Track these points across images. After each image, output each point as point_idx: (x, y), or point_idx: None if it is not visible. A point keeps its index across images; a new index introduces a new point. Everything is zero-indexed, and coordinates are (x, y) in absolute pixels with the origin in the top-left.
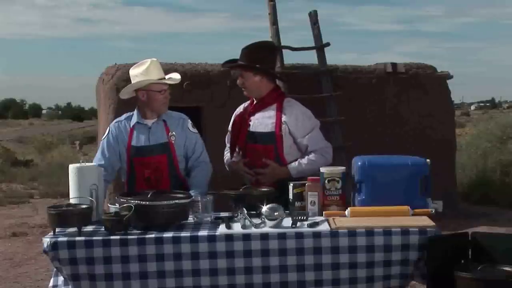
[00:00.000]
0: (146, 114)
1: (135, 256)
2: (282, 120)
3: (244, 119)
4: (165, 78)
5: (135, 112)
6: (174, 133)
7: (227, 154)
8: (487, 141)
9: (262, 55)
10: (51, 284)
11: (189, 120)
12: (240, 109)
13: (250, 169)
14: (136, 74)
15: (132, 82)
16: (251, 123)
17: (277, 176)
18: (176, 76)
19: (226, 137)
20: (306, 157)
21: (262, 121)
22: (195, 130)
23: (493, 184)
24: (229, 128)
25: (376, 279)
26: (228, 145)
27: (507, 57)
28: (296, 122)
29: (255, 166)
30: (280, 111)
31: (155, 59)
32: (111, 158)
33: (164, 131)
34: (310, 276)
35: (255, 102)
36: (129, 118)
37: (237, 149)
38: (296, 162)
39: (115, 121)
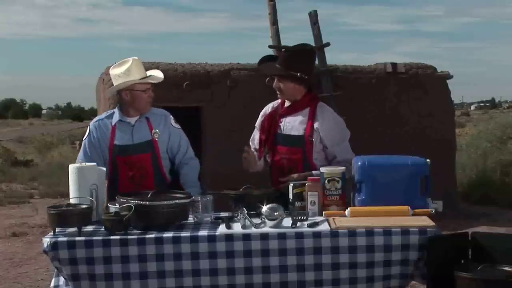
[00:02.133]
0: (129, 113)
1: (135, 256)
2: (315, 127)
3: (274, 120)
4: (147, 77)
5: (116, 110)
6: (157, 130)
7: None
8: (487, 141)
9: (301, 62)
10: (52, 284)
11: (171, 116)
12: (268, 108)
13: (278, 172)
14: (118, 74)
15: (114, 82)
16: (281, 124)
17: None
18: (159, 75)
19: (252, 136)
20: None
21: (293, 125)
22: (177, 126)
23: (493, 184)
24: (257, 125)
25: (376, 279)
26: (251, 144)
27: (507, 57)
28: (328, 130)
29: (283, 167)
30: (312, 116)
31: (136, 57)
32: (93, 158)
33: (147, 128)
34: (310, 276)
35: (286, 104)
36: (110, 116)
37: (264, 151)
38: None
39: (95, 119)
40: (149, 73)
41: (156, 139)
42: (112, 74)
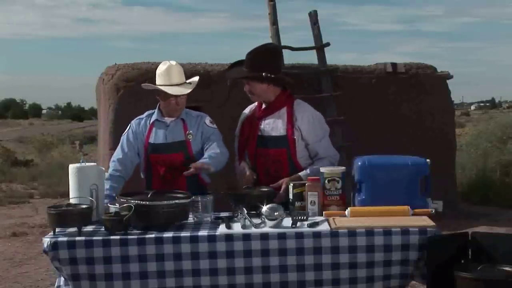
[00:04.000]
0: (163, 113)
1: (135, 256)
2: (295, 125)
3: (253, 123)
4: (185, 83)
5: (156, 110)
6: (191, 132)
7: (237, 161)
8: (487, 141)
9: (267, 61)
10: (56, 284)
11: (207, 117)
12: (246, 112)
13: (263, 175)
14: (160, 72)
15: (156, 79)
16: (261, 127)
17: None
18: (188, 87)
19: (235, 145)
20: (318, 165)
21: (273, 126)
22: (213, 126)
23: (493, 184)
24: (237, 133)
25: (376, 279)
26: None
27: (507, 57)
28: (308, 127)
29: (268, 170)
30: (291, 114)
31: (174, 62)
32: (129, 154)
33: (182, 129)
34: (310, 276)
35: (263, 106)
36: (149, 116)
37: (246, 155)
38: (308, 170)
39: (136, 118)
40: (189, 80)
41: (190, 140)
42: (157, 71)
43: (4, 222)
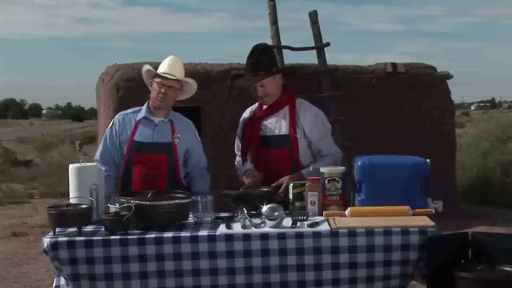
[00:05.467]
0: (153, 111)
1: (135, 256)
2: (297, 123)
3: (255, 123)
4: (171, 75)
5: (144, 106)
6: (179, 135)
7: (239, 163)
8: (487, 141)
9: (269, 58)
10: (54, 284)
11: (195, 128)
12: (247, 113)
13: (265, 175)
14: (163, 63)
15: (158, 69)
16: (263, 127)
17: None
18: (193, 83)
19: (235, 145)
20: (320, 162)
21: (275, 125)
22: (199, 140)
23: (493, 184)
24: (238, 134)
25: (376, 279)
26: (238, 153)
27: (507, 57)
28: (311, 125)
29: (271, 170)
30: (293, 113)
31: (179, 58)
32: (112, 151)
33: (169, 131)
34: (310, 276)
35: (264, 106)
36: (136, 112)
37: (248, 156)
38: (311, 168)
39: (120, 113)
40: (186, 79)
41: (176, 144)
42: (161, 65)
43: (4, 222)
